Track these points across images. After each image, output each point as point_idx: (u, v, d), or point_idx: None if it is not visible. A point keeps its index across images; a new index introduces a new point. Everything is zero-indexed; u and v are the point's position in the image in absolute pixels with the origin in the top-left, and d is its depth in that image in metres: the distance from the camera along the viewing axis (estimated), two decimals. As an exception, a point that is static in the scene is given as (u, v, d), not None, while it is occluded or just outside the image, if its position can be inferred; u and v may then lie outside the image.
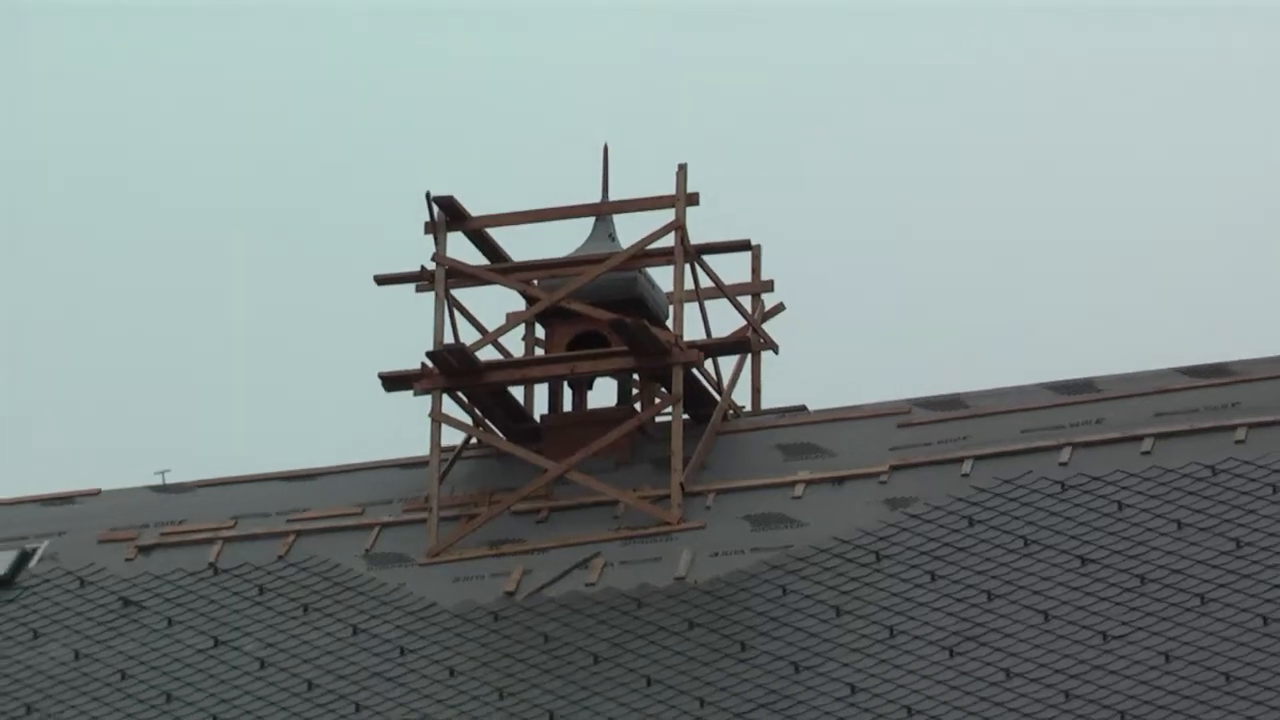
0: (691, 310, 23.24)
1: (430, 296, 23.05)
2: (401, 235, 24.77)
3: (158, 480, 25.93)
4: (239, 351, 52.64)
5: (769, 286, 23.77)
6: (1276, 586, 20.07)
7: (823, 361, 31.47)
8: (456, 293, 23.36)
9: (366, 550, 23.20)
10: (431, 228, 23.07)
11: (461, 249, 23.52)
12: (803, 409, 23.88)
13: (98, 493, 26.43)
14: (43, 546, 25.48)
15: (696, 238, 22.88)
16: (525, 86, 64.58)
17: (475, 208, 23.41)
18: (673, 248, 22.88)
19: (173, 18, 64.75)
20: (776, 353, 24.03)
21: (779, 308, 24.15)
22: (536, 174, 40.41)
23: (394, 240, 28.08)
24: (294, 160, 55.63)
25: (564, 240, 24.13)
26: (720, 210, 24.23)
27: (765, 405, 24.15)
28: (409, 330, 24.06)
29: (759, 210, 36.04)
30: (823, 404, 23.93)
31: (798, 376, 25.19)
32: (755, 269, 23.77)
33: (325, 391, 45.06)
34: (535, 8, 65.91)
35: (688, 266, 23.02)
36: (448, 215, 22.98)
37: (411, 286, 23.64)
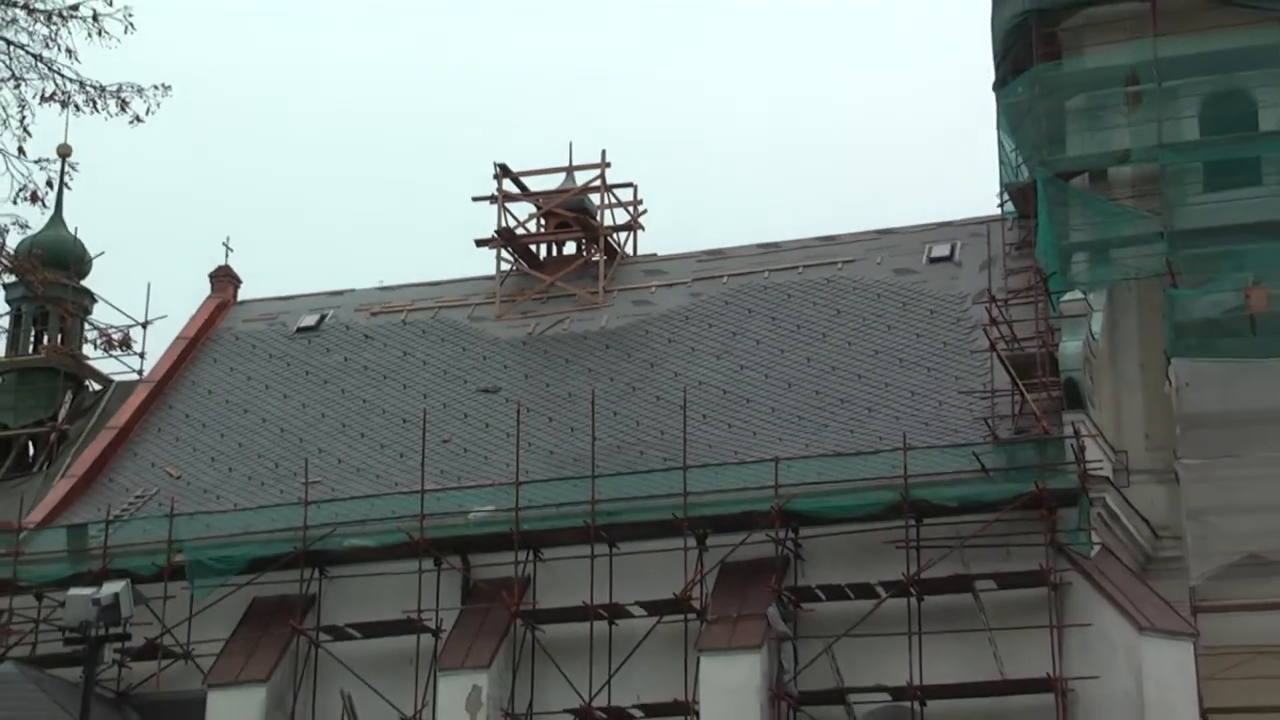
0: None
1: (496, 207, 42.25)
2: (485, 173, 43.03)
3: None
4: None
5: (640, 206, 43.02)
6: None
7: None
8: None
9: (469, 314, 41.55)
10: (500, 174, 41.97)
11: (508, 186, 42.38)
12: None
13: (349, 291, 43.51)
14: (328, 315, 42.36)
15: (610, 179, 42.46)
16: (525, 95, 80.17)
17: (516, 165, 42.50)
18: (598, 186, 42.50)
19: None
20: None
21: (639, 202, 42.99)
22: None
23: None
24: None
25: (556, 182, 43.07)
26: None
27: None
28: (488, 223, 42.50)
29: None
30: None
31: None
32: (634, 203, 42.88)
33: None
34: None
35: (599, 198, 42.28)
36: (504, 171, 42.34)
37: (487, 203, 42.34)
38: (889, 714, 31.00)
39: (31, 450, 42.34)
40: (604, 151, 42.30)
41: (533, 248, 42.99)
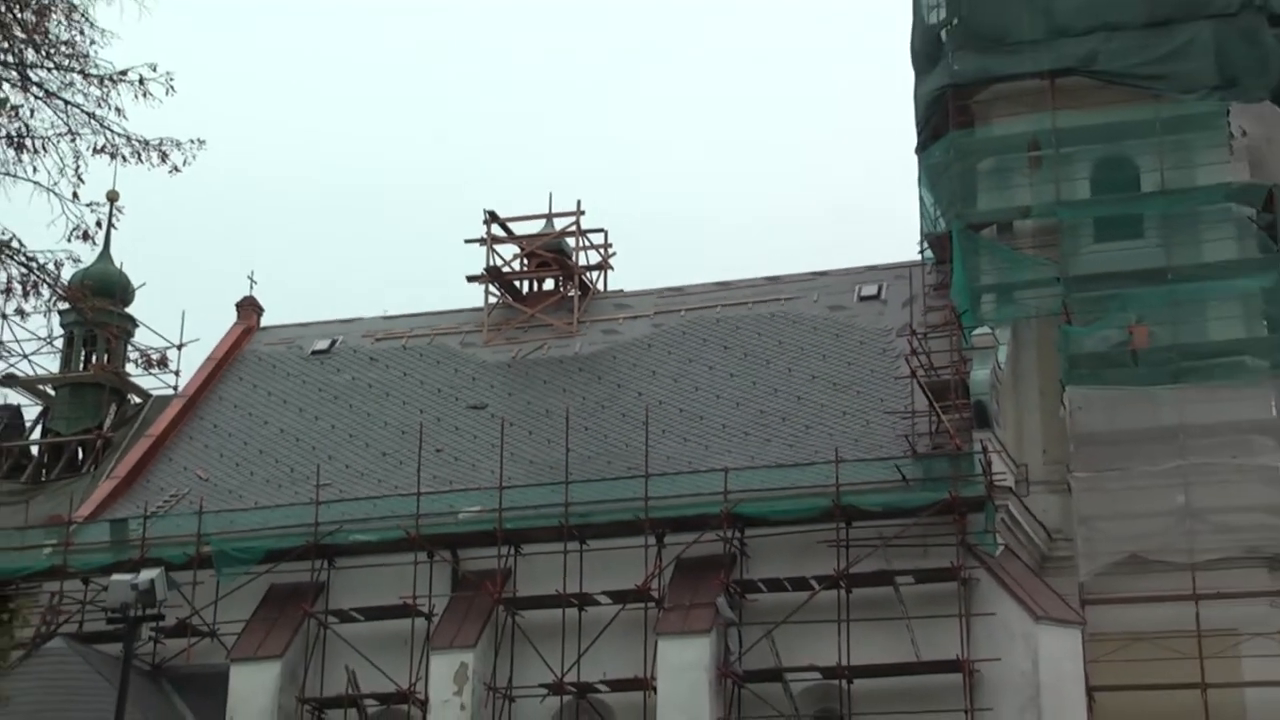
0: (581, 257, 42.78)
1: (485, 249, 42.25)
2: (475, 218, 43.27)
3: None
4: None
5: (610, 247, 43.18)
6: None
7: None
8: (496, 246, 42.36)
9: (461, 341, 41.47)
10: (488, 219, 42.10)
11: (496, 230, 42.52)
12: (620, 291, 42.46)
13: (357, 319, 43.60)
14: (339, 340, 42.45)
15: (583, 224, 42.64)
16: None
17: (503, 212, 42.52)
18: (574, 230, 42.71)
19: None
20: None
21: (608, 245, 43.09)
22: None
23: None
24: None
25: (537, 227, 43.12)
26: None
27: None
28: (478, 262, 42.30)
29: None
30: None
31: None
32: (605, 246, 43.04)
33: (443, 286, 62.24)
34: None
35: (574, 240, 42.41)
36: (492, 217, 42.50)
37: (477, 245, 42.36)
38: (821, 691, 31.11)
39: (80, 454, 42.28)
40: (579, 201, 42.62)
41: (516, 283, 43.11)
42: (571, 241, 42.75)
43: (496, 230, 42.56)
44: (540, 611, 32.43)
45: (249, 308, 44.63)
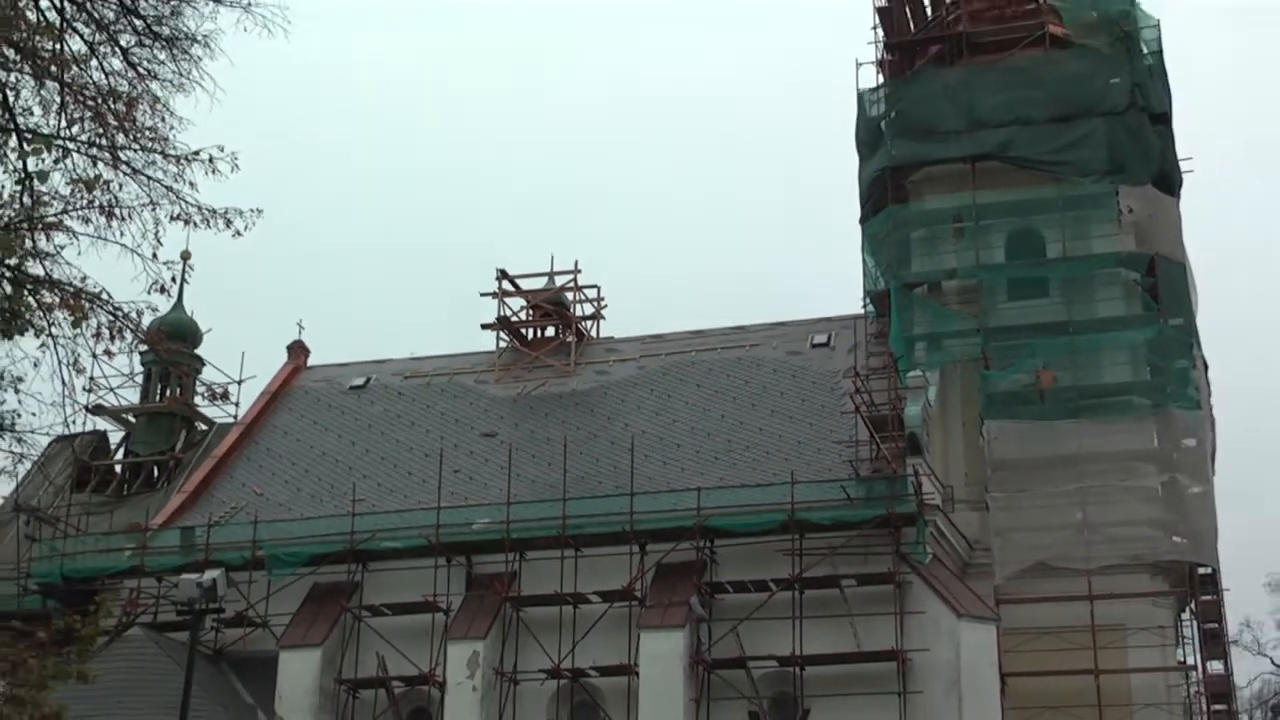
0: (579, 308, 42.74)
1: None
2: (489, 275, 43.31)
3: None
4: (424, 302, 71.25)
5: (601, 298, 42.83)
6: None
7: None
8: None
9: (475, 379, 41.61)
10: (500, 276, 42.03)
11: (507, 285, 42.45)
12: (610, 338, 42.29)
13: (388, 360, 43.74)
14: (373, 378, 42.49)
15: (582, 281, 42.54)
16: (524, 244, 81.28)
17: (512, 270, 42.30)
18: (572, 286, 42.56)
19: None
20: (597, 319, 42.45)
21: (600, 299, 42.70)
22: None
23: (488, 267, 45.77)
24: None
25: (540, 283, 42.99)
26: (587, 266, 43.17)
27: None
28: (491, 312, 42.16)
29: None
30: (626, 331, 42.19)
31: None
32: (598, 299, 42.66)
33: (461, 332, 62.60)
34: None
35: (572, 295, 42.30)
36: (503, 275, 42.30)
37: (490, 298, 42.06)
38: (777, 676, 31.07)
39: (156, 472, 42.18)
40: (576, 261, 42.56)
41: (523, 331, 42.96)
42: (570, 295, 42.72)
43: (506, 286, 42.50)
44: (541, 608, 32.31)
45: (298, 349, 44.51)
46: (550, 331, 42.91)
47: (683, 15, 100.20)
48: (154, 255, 15.67)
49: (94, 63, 16.12)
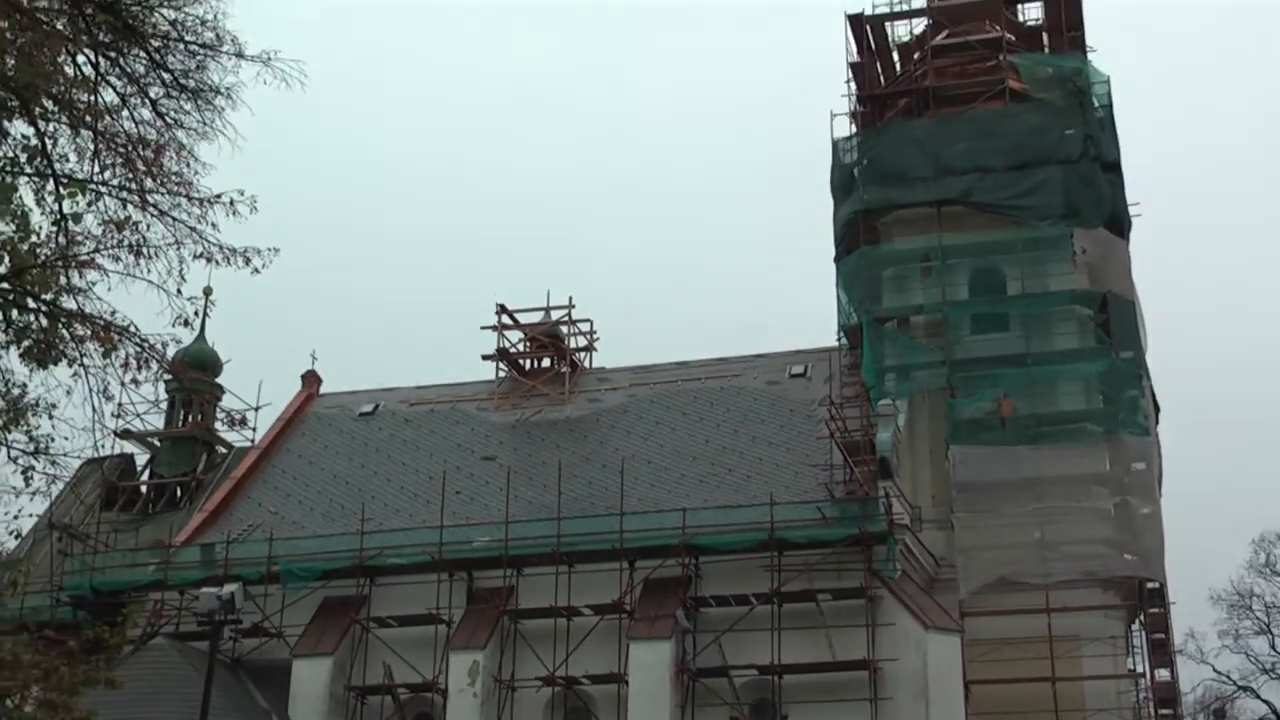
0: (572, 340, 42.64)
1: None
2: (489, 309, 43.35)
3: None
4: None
5: (593, 330, 42.58)
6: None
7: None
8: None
9: (477, 406, 41.33)
10: (499, 311, 41.88)
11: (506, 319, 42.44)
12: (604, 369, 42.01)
13: (396, 388, 43.69)
14: (381, 405, 42.07)
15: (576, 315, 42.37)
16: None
17: (511, 304, 42.07)
18: (567, 320, 42.36)
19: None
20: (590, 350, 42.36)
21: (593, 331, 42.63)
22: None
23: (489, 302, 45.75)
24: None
25: (537, 317, 42.79)
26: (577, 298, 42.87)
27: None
28: (491, 344, 42.15)
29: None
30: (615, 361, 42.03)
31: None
32: (591, 333, 42.51)
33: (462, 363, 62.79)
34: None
35: (566, 328, 42.19)
36: (501, 309, 42.25)
37: (490, 331, 42.00)
38: (757, 684, 30.91)
39: (179, 493, 41.92)
40: (570, 296, 42.37)
41: (520, 362, 42.69)
42: (564, 329, 42.50)
43: (505, 319, 42.27)
44: (537, 620, 32.12)
45: (311, 378, 44.21)
46: (546, 362, 42.66)
47: (678, 63, 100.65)
48: (178, 291, 15.65)
49: (125, 113, 16.16)
